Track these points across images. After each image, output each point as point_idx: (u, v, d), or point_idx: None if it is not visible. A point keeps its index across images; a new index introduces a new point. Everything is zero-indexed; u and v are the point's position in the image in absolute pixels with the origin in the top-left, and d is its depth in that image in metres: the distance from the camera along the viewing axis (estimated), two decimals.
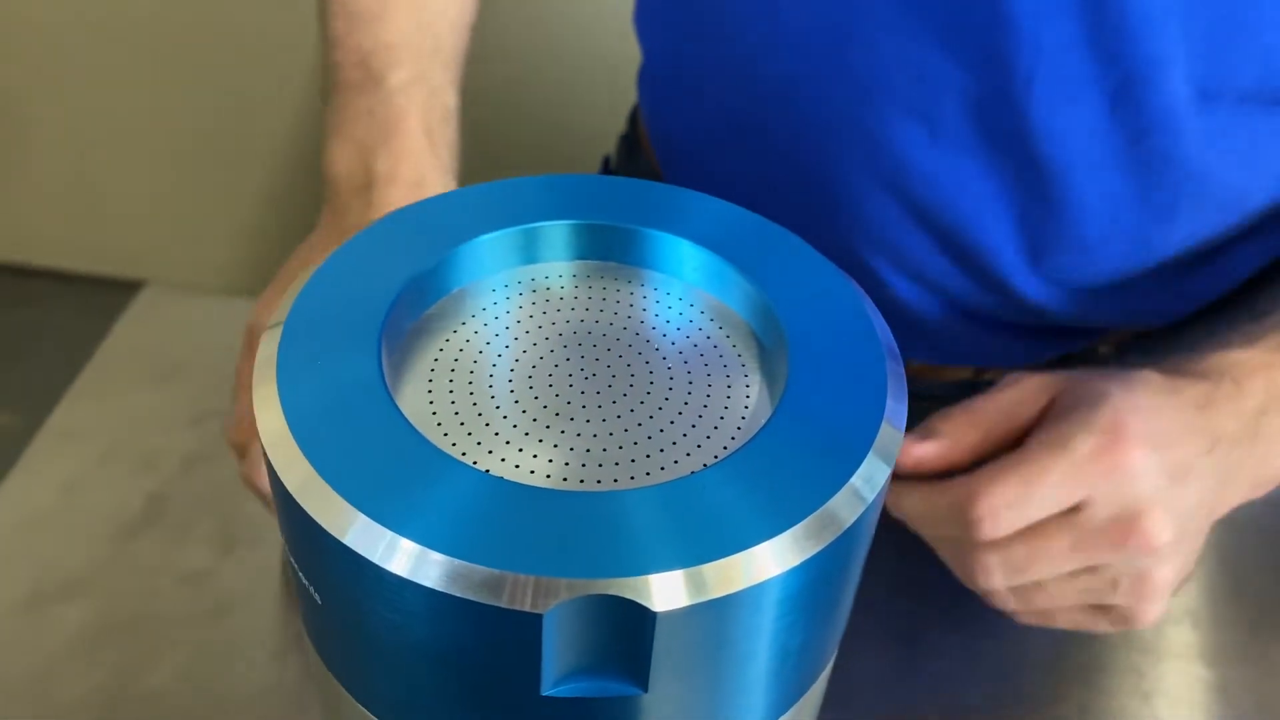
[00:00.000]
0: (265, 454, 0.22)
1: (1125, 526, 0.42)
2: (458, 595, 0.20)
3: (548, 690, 0.21)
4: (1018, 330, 0.58)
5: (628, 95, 0.71)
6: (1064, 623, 0.46)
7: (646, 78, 0.65)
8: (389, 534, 0.20)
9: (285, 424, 0.22)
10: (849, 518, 0.22)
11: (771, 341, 0.26)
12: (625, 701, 0.22)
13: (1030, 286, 0.54)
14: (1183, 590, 0.54)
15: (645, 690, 0.22)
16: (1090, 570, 0.43)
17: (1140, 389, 0.43)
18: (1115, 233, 0.51)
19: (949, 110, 0.49)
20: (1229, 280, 0.56)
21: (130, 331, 0.66)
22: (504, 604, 0.20)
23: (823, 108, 0.52)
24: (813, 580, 0.22)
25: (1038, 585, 0.44)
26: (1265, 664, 0.51)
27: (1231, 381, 0.44)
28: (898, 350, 0.26)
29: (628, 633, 0.20)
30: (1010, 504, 0.42)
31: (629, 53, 0.67)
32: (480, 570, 0.20)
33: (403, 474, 0.21)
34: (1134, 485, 0.41)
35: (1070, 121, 0.48)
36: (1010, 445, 0.44)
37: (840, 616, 0.26)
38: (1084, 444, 0.41)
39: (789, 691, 0.25)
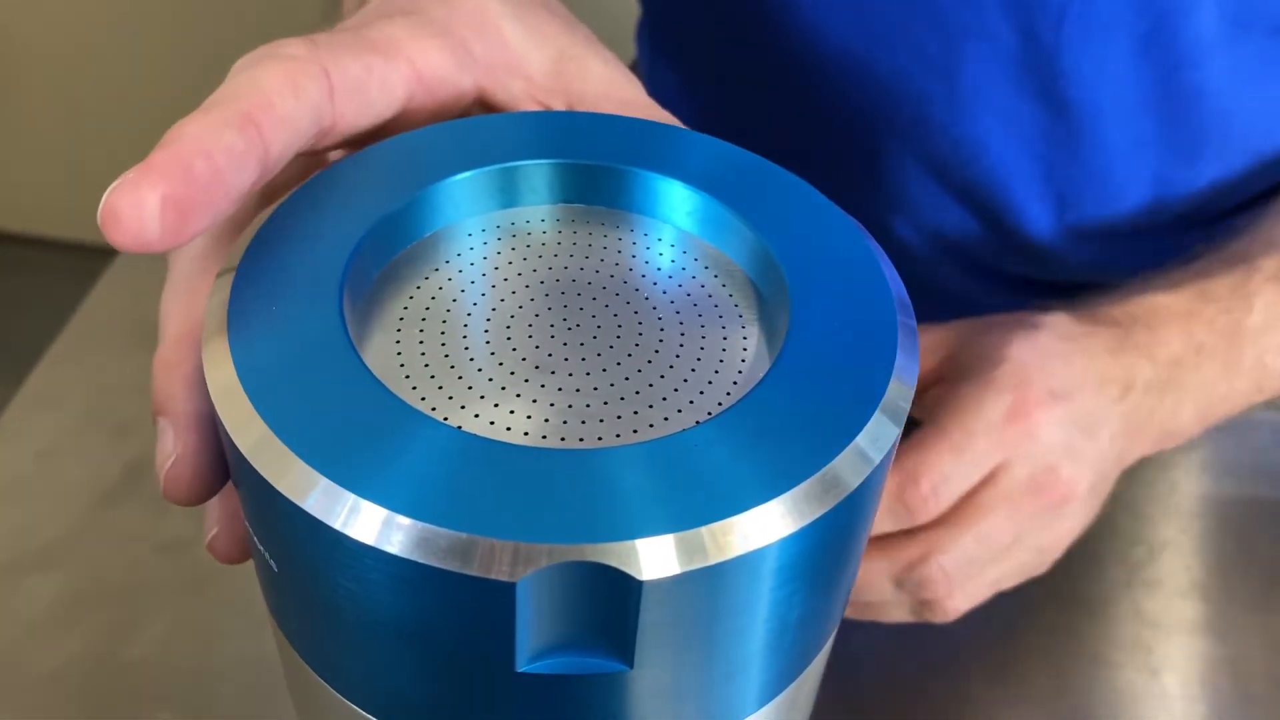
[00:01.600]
0: (215, 412, 0.20)
1: (1043, 482, 0.40)
2: (425, 563, 0.18)
3: (523, 666, 0.20)
4: (1035, 287, 0.57)
5: (626, 51, 0.69)
6: (987, 595, 0.44)
7: (645, 31, 0.63)
8: (351, 497, 0.18)
9: (237, 379, 0.20)
10: (854, 480, 0.20)
11: (771, 291, 0.24)
12: (609, 679, 0.20)
13: (1053, 239, 0.53)
14: (1190, 564, 0.52)
15: (630, 666, 0.20)
16: (1018, 541, 0.41)
17: (1046, 334, 0.41)
18: (1141, 178, 0.50)
19: (974, 58, 0.48)
20: None
21: (108, 296, 0.64)
22: (475, 572, 0.18)
23: (838, 59, 0.50)
24: (814, 547, 0.20)
25: (982, 574, 0.42)
26: (1275, 639, 0.50)
27: (1146, 328, 0.42)
28: (909, 301, 0.24)
29: (612, 603, 0.19)
30: (947, 476, 0.40)
31: (627, 5, 0.65)
32: (449, 535, 0.18)
33: (366, 432, 0.19)
34: (1048, 441, 0.40)
35: (1100, 62, 0.46)
36: None
37: (844, 586, 0.24)
38: (998, 404, 0.39)
39: (787, 668, 0.23)
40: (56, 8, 1.41)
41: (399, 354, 0.23)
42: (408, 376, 0.22)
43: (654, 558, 0.18)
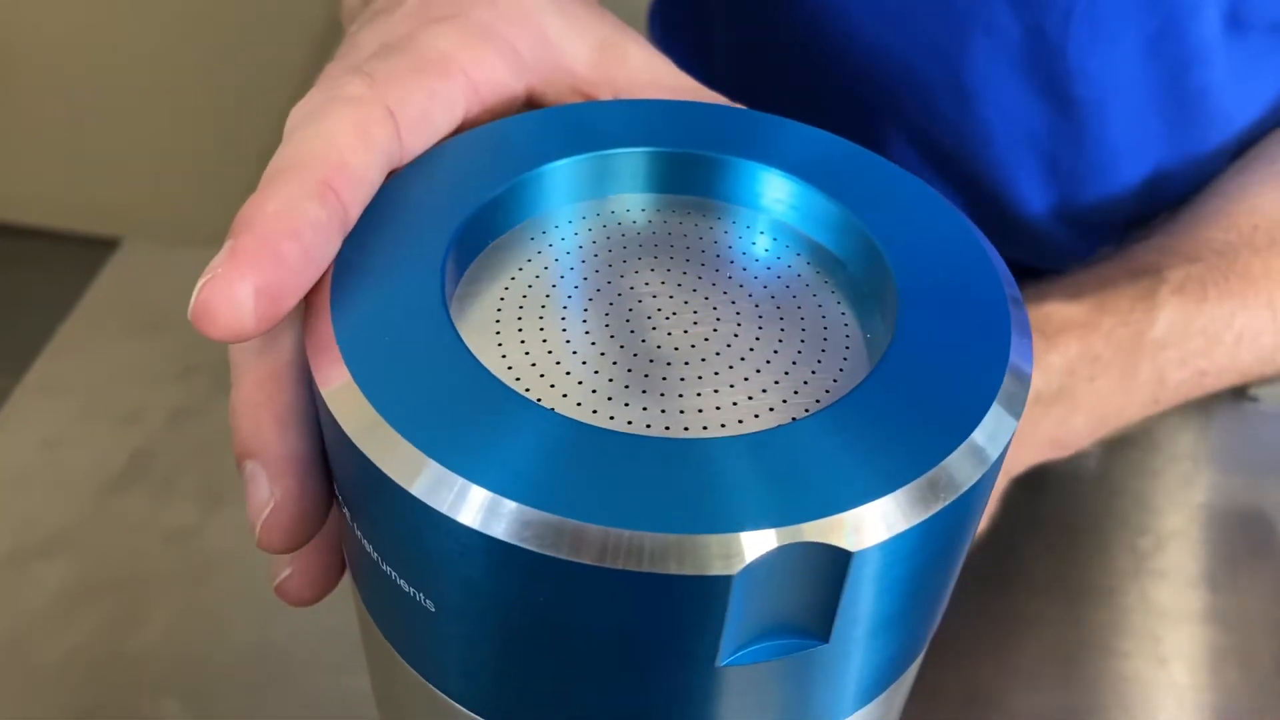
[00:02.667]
0: (319, 398, 0.20)
1: None
2: (639, 570, 0.17)
3: (725, 660, 0.19)
4: (1034, 276, 0.57)
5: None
6: None
7: (657, 16, 0.63)
8: (557, 520, 0.18)
9: (345, 365, 0.20)
10: (970, 478, 0.19)
11: (874, 281, 0.23)
12: (800, 658, 0.20)
13: (1054, 233, 0.53)
14: (1199, 554, 0.52)
15: (827, 641, 0.19)
16: None
17: None
18: (1142, 173, 0.50)
19: (980, 50, 0.47)
20: None
21: (112, 284, 0.64)
22: (691, 571, 0.17)
23: (846, 46, 0.50)
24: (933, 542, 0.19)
25: None
26: None
27: (1040, 336, 0.41)
28: (1019, 294, 0.23)
29: (819, 581, 0.18)
30: None
31: None
32: (666, 539, 0.17)
33: (487, 422, 0.19)
34: None
35: (1107, 60, 0.46)
36: None
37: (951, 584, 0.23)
38: None
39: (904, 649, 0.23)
40: (54, 3, 1.40)
41: (500, 344, 0.22)
42: (510, 368, 0.21)
43: (866, 526, 0.18)
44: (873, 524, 0.18)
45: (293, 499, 0.22)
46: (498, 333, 0.22)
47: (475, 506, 0.18)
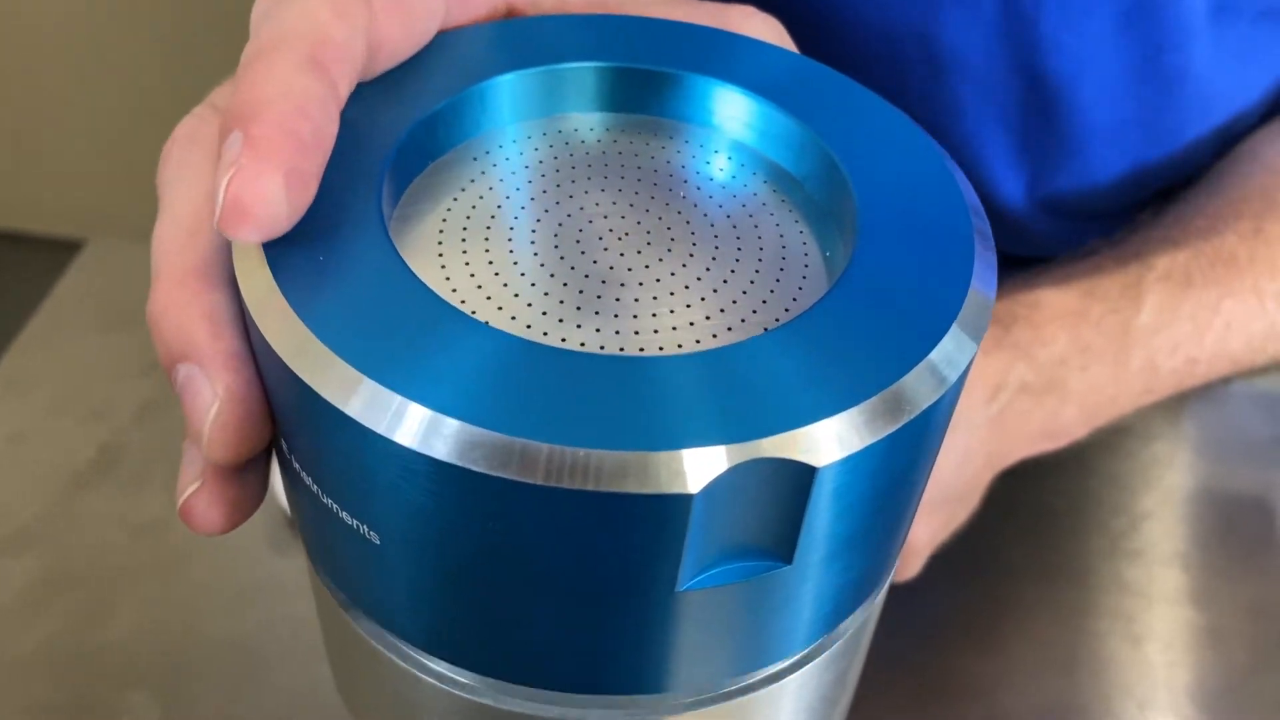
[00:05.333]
0: (248, 315, 0.19)
1: None
2: (599, 490, 0.16)
3: (685, 585, 0.18)
4: (1004, 261, 0.57)
5: None
6: None
7: None
8: (496, 435, 0.16)
9: (274, 281, 0.18)
10: (926, 399, 0.18)
11: (834, 200, 0.22)
12: (762, 580, 0.19)
13: (1024, 213, 0.53)
14: (1172, 534, 0.52)
15: (790, 562, 0.18)
16: None
17: None
18: (1116, 155, 0.50)
19: (953, 22, 0.47)
20: None
21: (79, 281, 0.64)
22: (652, 489, 0.16)
23: (816, 17, 0.50)
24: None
25: None
26: (1257, 607, 0.50)
27: (1028, 325, 0.41)
28: (983, 208, 0.22)
29: (782, 500, 0.17)
30: None
31: None
32: (622, 457, 0.16)
33: (426, 340, 0.18)
34: None
35: (1080, 37, 0.46)
36: None
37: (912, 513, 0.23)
38: None
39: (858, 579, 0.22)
40: (8, 5, 1.39)
41: (443, 266, 0.21)
42: (455, 290, 0.20)
43: (825, 442, 0.17)
44: (835, 439, 0.17)
45: (239, 396, 0.20)
46: (440, 254, 0.21)
47: (415, 426, 0.17)
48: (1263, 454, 0.55)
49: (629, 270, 0.21)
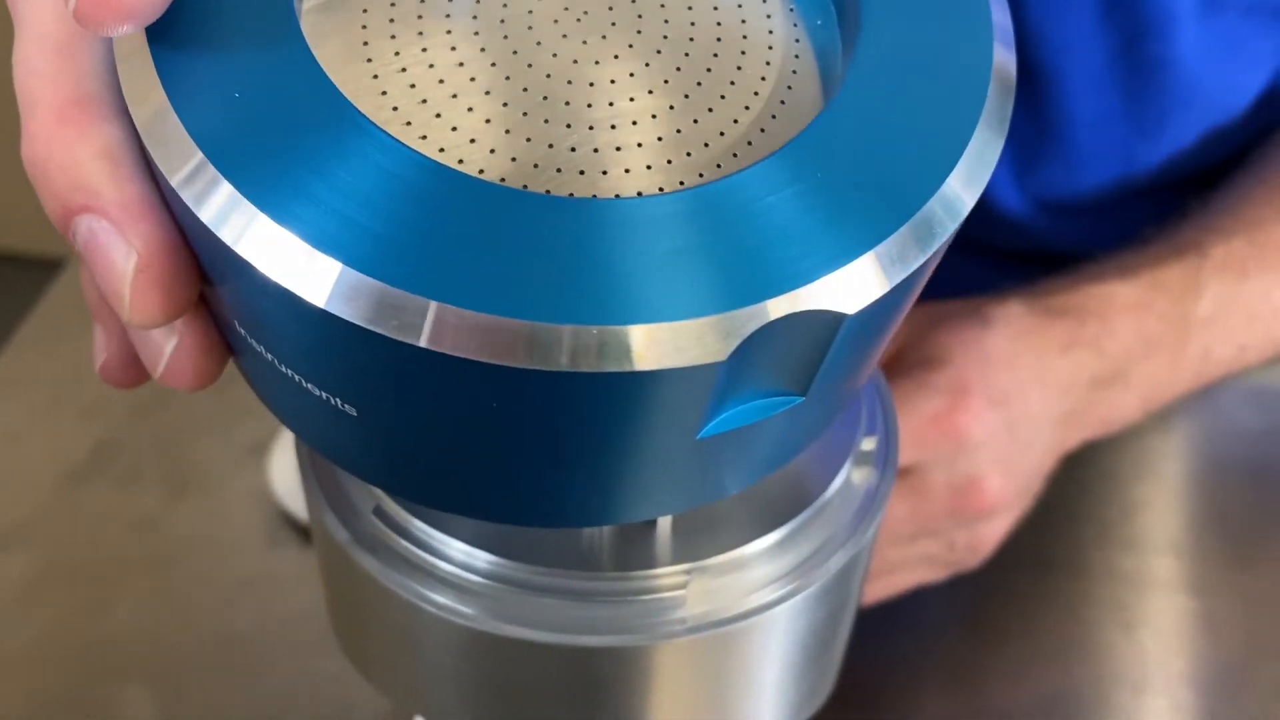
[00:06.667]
0: (149, 150, 0.16)
1: (963, 492, 0.39)
2: (638, 370, 0.14)
3: (702, 434, 0.17)
4: (993, 255, 0.57)
5: None
6: (902, 584, 0.43)
7: None
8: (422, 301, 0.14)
9: (163, 89, 0.16)
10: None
11: None
12: (776, 417, 0.18)
13: (1011, 203, 0.53)
14: (1164, 523, 0.52)
15: (804, 395, 0.17)
16: (928, 534, 0.41)
17: (997, 334, 0.40)
18: (1102, 147, 0.50)
19: None
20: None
21: (74, 282, 0.64)
22: (688, 362, 0.15)
23: None
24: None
25: (877, 555, 0.41)
26: (1251, 594, 0.50)
27: (1098, 318, 0.42)
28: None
29: (805, 347, 0.16)
30: None
31: None
32: (655, 329, 0.14)
33: (344, 167, 0.15)
34: (972, 451, 0.39)
35: (1062, 26, 0.46)
36: None
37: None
38: (924, 406, 0.38)
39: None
40: None
41: (369, 60, 0.17)
42: (385, 93, 0.17)
43: (852, 288, 0.16)
44: (864, 282, 0.16)
45: (160, 245, 0.17)
46: (366, 51, 0.18)
47: (328, 281, 0.14)
48: (1254, 445, 0.56)
49: (587, 68, 0.18)
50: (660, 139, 0.17)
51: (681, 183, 0.17)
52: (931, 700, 0.46)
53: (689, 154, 0.17)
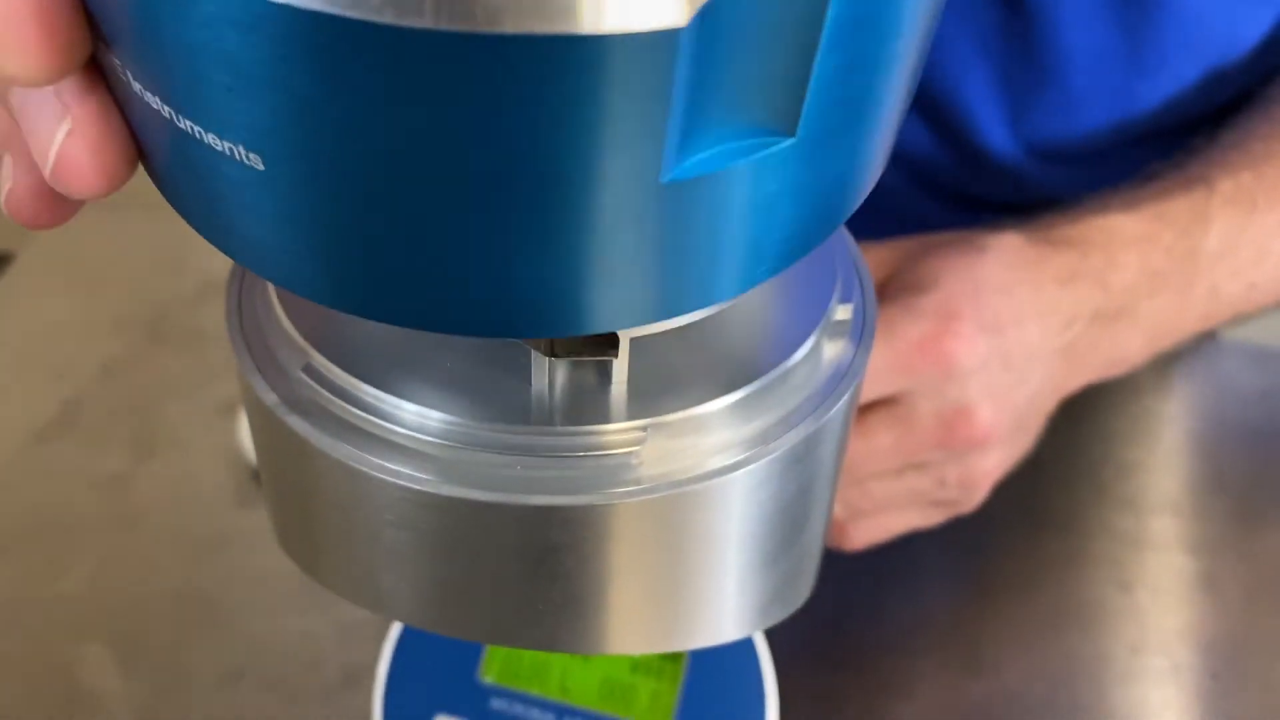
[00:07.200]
0: None
1: (951, 422, 0.37)
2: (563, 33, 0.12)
3: (670, 175, 0.14)
4: (987, 206, 0.55)
5: None
6: (894, 526, 0.41)
7: None
8: None
9: None
10: None
11: None
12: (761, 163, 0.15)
13: (1007, 151, 0.51)
14: (1161, 483, 0.51)
15: (794, 135, 0.15)
16: (916, 468, 0.39)
17: (990, 262, 0.39)
18: (1098, 89, 0.49)
19: None
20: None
21: (48, 245, 0.62)
22: (625, 28, 0.12)
23: None
24: None
25: (862, 489, 0.39)
26: (1250, 552, 0.48)
27: (1102, 251, 0.40)
28: None
29: (786, 51, 0.14)
30: None
31: None
32: None
33: None
34: (961, 378, 0.37)
35: None
36: None
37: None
38: (909, 330, 0.36)
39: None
40: None
41: None
42: None
43: None
44: None
45: None
46: None
47: None
48: (1252, 406, 0.54)
49: None
50: None
51: None
52: (927, 660, 0.45)
53: None
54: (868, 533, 0.41)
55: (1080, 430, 0.52)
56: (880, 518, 0.41)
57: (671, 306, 0.17)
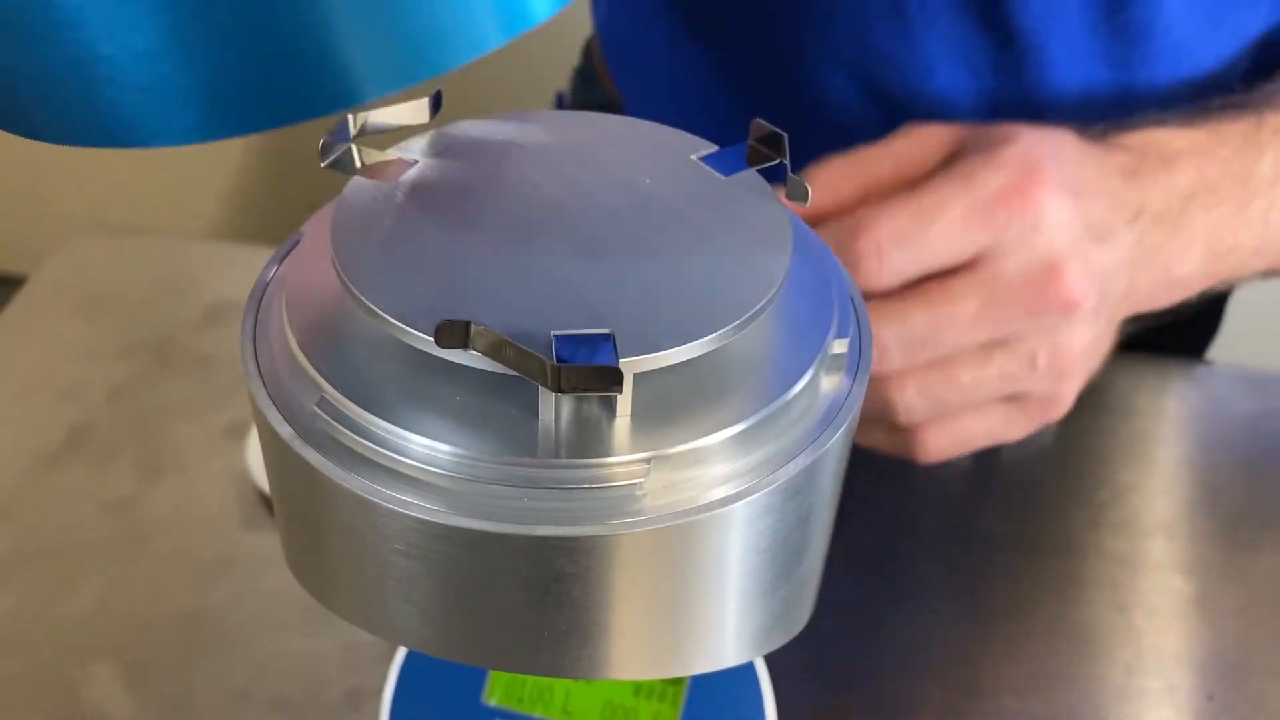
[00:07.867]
0: None
1: (1041, 281, 0.35)
2: None
3: None
4: None
5: (582, 28, 0.69)
6: (976, 432, 0.38)
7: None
8: None
9: None
10: None
11: None
12: None
13: None
14: (1155, 505, 0.51)
15: None
16: (1004, 345, 0.36)
17: (1060, 139, 0.37)
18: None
19: None
20: None
21: (57, 271, 0.63)
22: None
23: None
24: None
25: (946, 374, 0.36)
26: (1244, 573, 0.49)
27: (1160, 158, 0.39)
28: None
29: None
30: (899, 239, 0.34)
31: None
32: None
33: None
34: (1049, 232, 0.35)
35: None
36: None
37: None
38: (992, 180, 0.34)
39: None
40: None
41: None
42: None
43: None
44: None
45: None
46: None
47: None
48: (1245, 429, 0.55)
49: None
50: None
51: None
52: (926, 681, 0.45)
53: None
54: (947, 439, 0.39)
55: (1075, 453, 0.53)
56: (963, 419, 0.38)
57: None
